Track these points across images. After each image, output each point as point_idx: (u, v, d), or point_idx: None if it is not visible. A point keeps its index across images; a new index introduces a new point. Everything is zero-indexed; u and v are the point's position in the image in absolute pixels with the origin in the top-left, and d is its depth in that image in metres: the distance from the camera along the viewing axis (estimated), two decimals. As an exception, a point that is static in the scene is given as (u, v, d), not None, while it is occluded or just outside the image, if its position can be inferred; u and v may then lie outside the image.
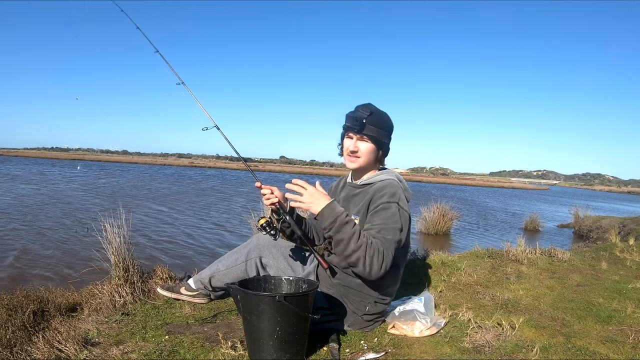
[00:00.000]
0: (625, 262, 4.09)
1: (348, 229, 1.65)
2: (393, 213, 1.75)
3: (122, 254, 2.46)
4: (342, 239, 1.65)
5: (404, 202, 1.82)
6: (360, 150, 1.87)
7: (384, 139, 1.90)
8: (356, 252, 1.63)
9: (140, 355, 1.65)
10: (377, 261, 1.64)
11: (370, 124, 1.84)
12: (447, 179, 73.92)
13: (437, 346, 1.82)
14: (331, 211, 1.67)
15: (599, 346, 1.93)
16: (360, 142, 1.87)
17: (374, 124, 1.84)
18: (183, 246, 6.28)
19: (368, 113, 1.84)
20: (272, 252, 2.03)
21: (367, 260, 1.63)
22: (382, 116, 1.89)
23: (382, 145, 1.91)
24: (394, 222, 1.74)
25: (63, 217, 8.22)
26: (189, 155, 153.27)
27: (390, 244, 1.70)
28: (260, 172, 41.56)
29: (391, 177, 1.89)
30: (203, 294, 2.22)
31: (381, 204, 1.77)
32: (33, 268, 4.74)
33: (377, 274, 1.66)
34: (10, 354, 1.68)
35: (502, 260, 3.70)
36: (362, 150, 1.87)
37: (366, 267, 1.64)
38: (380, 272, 1.66)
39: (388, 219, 1.74)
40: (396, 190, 1.81)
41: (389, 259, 1.67)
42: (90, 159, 54.65)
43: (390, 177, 1.89)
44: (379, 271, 1.65)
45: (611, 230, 8.01)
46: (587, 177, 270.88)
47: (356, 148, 1.87)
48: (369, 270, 1.65)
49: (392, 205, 1.76)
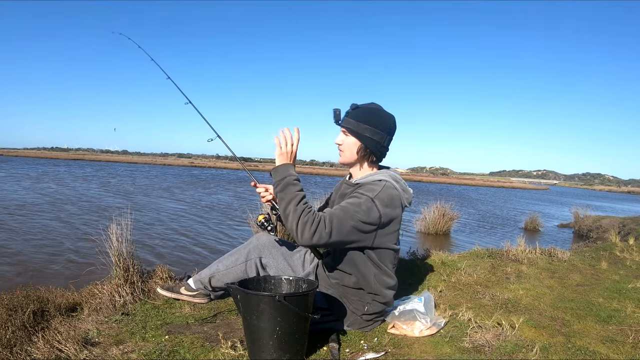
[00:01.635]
0: (625, 261, 4.09)
1: (292, 190, 1.70)
2: (359, 202, 1.73)
3: (122, 254, 2.47)
4: (283, 198, 1.70)
5: (380, 200, 1.75)
6: (343, 144, 1.89)
7: (365, 132, 1.83)
8: (291, 214, 1.66)
9: (140, 355, 1.65)
10: (308, 229, 1.63)
11: (351, 117, 1.83)
12: (447, 179, 73.91)
13: (437, 346, 1.81)
14: (285, 171, 1.74)
15: (599, 346, 1.93)
16: (342, 136, 1.89)
17: (355, 118, 1.83)
18: (183, 246, 6.28)
19: (353, 107, 1.84)
20: (272, 253, 2.03)
21: (299, 226, 1.64)
22: (368, 112, 1.85)
23: (364, 140, 1.84)
24: (355, 209, 1.71)
25: (63, 217, 8.22)
26: (188, 155, 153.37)
27: (336, 220, 1.67)
28: (260, 172, 41.52)
29: (384, 177, 1.85)
30: (203, 294, 2.22)
31: (356, 193, 1.78)
32: (33, 268, 4.74)
33: (307, 242, 1.65)
34: (10, 353, 1.68)
35: (502, 260, 3.70)
36: (344, 144, 1.89)
37: (297, 233, 1.65)
38: (312, 241, 1.64)
39: (351, 204, 1.73)
40: (376, 188, 1.78)
41: (325, 232, 1.64)
42: (90, 159, 54.65)
43: (383, 177, 1.85)
44: (310, 239, 1.64)
45: (611, 230, 8.01)
46: (587, 177, 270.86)
47: (339, 141, 1.90)
48: (299, 237, 1.65)
49: (363, 197, 1.74)
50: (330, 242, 1.68)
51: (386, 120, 1.87)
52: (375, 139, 1.85)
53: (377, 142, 1.86)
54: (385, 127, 1.86)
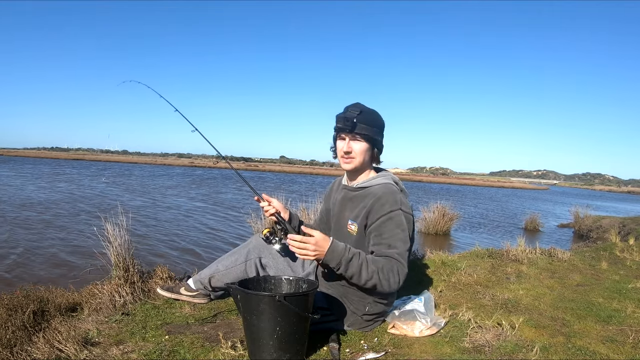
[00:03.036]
0: (625, 262, 4.09)
1: (355, 263, 1.69)
2: (399, 222, 1.76)
3: (122, 254, 2.47)
4: (354, 274, 1.70)
5: (406, 206, 1.82)
6: (355, 150, 1.85)
7: (376, 136, 1.87)
8: (370, 280, 1.70)
9: (140, 355, 1.65)
10: (393, 279, 1.70)
11: (362, 123, 1.82)
12: (447, 179, 73.89)
13: (437, 346, 1.82)
14: (334, 253, 1.67)
15: (599, 346, 1.93)
16: (353, 142, 1.85)
17: (365, 122, 1.83)
18: (183, 246, 6.28)
19: (358, 112, 1.82)
20: (272, 252, 2.03)
21: (383, 282, 1.70)
22: (372, 114, 1.87)
23: (375, 143, 1.89)
24: (402, 230, 1.76)
25: (63, 216, 8.22)
26: (189, 155, 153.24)
27: (403, 254, 1.74)
28: (260, 172, 41.58)
29: (387, 180, 1.88)
30: (203, 294, 2.22)
31: (384, 214, 1.77)
32: (33, 268, 4.74)
33: (396, 289, 1.75)
34: (10, 353, 1.68)
35: (502, 260, 3.70)
36: (356, 151, 1.85)
37: (384, 288, 1.71)
38: (399, 286, 1.74)
39: (395, 229, 1.75)
40: (396, 196, 1.81)
41: (403, 271, 1.73)
42: (90, 158, 54.64)
43: (387, 180, 1.88)
44: (398, 286, 1.73)
45: (611, 230, 8.01)
46: (587, 177, 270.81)
47: (350, 149, 1.85)
48: (388, 289, 1.73)
49: (395, 213, 1.77)
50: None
51: (382, 119, 1.91)
52: (380, 140, 1.91)
53: (381, 142, 1.92)
54: (383, 126, 1.92)
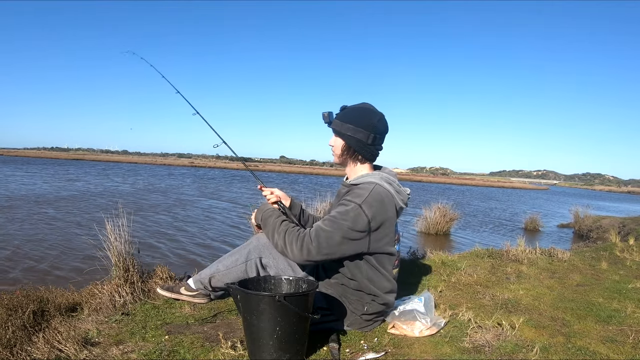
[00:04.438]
0: (625, 262, 4.09)
1: (270, 220, 1.87)
2: (347, 210, 1.75)
3: (122, 254, 2.46)
4: (267, 231, 1.88)
5: (368, 204, 1.75)
6: (334, 145, 1.93)
7: (348, 132, 1.84)
8: (277, 240, 1.81)
9: (140, 355, 1.65)
10: (296, 246, 1.74)
11: (337, 118, 1.88)
12: (447, 179, 73.90)
13: (437, 346, 1.82)
14: (261, 209, 1.97)
15: (599, 346, 1.93)
16: (334, 138, 1.94)
17: (340, 118, 1.87)
18: (183, 246, 6.28)
19: (341, 109, 1.89)
20: (272, 253, 2.02)
21: (287, 246, 1.77)
22: (353, 111, 1.86)
23: (347, 139, 1.86)
24: (343, 218, 1.74)
25: (63, 216, 8.22)
26: (189, 155, 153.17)
27: (324, 233, 1.73)
28: (260, 171, 41.64)
29: (374, 179, 1.85)
30: (203, 294, 2.22)
31: (344, 200, 1.81)
32: (34, 267, 4.74)
33: (299, 258, 1.76)
34: (10, 353, 1.68)
35: (502, 260, 3.70)
36: (334, 146, 1.93)
37: (287, 252, 1.78)
38: (303, 257, 1.74)
39: (338, 213, 1.77)
40: (365, 193, 1.78)
41: (312, 246, 1.72)
42: (90, 158, 54.64)
43: (373, 179, 1.85)
44: (300, 256, 1.75)
45: (611, 230, 8.01)
46: (587, 177, 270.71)
47: (331, 143, 1.95)
48: (290, 255, 1.78)
49: (351, 204, 1.77)
50: (323, 254, 1.74)
51: (370, 118, 1.85)
52: (357, 138, 1.84)
53: (360, 140, 1.85)
54: (368, 125, 1.84)
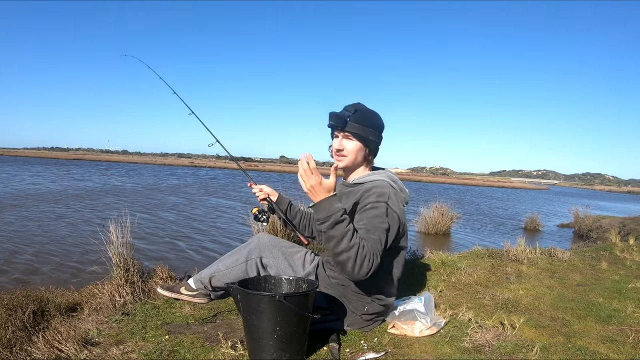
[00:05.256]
0: (626, 261, 4.09)
1: (341, 227, 1.59)
2: (380, 213, 1.73)
3: (122, 254, 2.47)
4: (334, 236, 1.59)
5: (393, 202, 1.78)
6: (346, 148, 1.86)
7: (370, 136, 1.86)
8: (346, 252, 1.58)
9: (140, 355, 1.65)
10: (367, 263, 1.60)
11: (354, 122, 1.82)
12: (447, 179, 73.90)
13: (437, 346, 1.82)
14: (328, 205, 1.60)
15: (599, 346, 1.93)
16: (345, 141, 1.86)
17: (358, 121, 1.83)
18: (183, 246, 6.28)
19: (352, 111, 1.83)
20: (273, 252, 2.03)
21: (357, 261, 1.59)
22: (368, 114, 1.87)
23: (368, 143, 1.87)
24: (381, 222, 1.71)
25: (63, 215, 8.22)
26: (188, 155, 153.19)
27: (377, 244, 1.67)
28: (260, 171, 41.69)
29: (382, 177, 1.86)
30: (203, 294, 2.22)
31: (369, 203, 1.75)
32: (34, 267, 4.74)
33: (364, 276, 1.62)
34: (10, 353, 1.68)
35: (502, 260, 3.70)
36: (347, 149, 1.86)
37: (355, 269, 1.59)
38: (368, 274, 1.62)
39: (375, 217, 1.71)
40: (385, 190, 1.78)
41: (377, 261, 1.64)
42: (90, 158, 54.65)
43: (381, 177, 1.86)
44: (367, 273, 1.62)
45: (611, 229, 8.00)
46: (587, 177, 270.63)
47: (341, 146, 1.86)
48: (357, 272, 1.60)
49: (380, 204, 1.74)
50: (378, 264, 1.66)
51: (381, 121, 1.92)
52: (376, 141, 1.91)
53: (377, 143, 1.92)
54: (382, 128, 1.92)
